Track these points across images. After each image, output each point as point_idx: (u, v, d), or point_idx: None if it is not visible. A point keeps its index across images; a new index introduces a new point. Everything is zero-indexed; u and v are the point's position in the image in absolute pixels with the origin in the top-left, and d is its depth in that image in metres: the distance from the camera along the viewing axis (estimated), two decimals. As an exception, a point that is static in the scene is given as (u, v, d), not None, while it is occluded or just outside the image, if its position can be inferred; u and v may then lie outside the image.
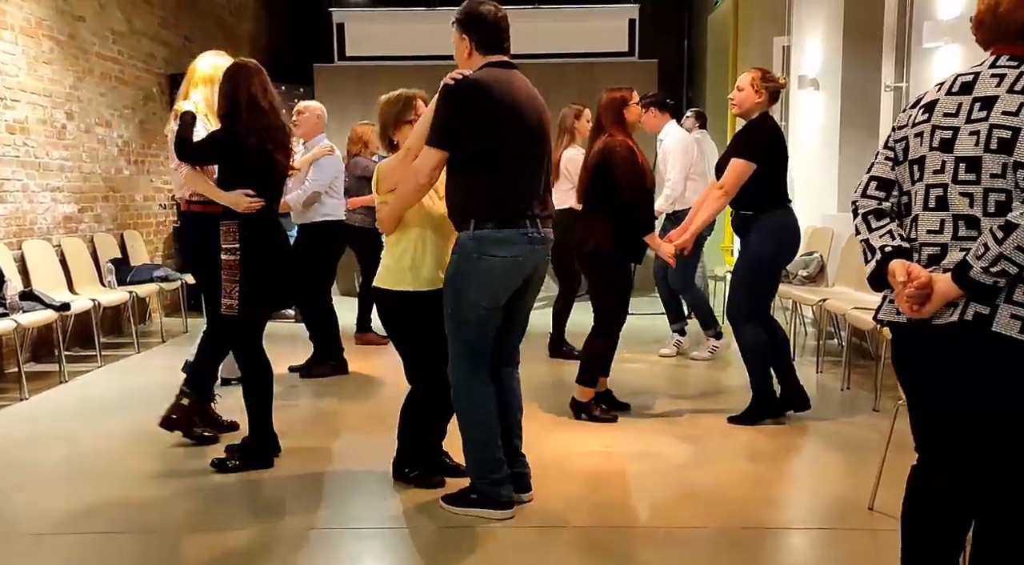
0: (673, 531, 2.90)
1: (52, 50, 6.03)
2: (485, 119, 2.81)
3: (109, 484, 3.38)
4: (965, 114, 1.87)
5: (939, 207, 1.90)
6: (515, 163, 2.86)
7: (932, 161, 1.91)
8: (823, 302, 5.17)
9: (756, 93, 4.08)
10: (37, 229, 5.83)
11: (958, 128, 1.88)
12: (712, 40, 10.37)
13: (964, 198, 1.85)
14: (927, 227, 1.92)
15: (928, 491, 2.00)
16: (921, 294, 1.84)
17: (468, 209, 2.87)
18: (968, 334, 1.82)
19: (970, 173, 1.84)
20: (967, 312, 1.81)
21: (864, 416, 4.26)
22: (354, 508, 3.15)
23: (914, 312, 1.87)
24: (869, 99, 6.24)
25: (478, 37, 2.91)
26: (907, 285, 1.85)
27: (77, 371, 5.40)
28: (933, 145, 1.92)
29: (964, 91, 1.90)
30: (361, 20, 9.69)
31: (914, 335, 1.95)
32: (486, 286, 2.86)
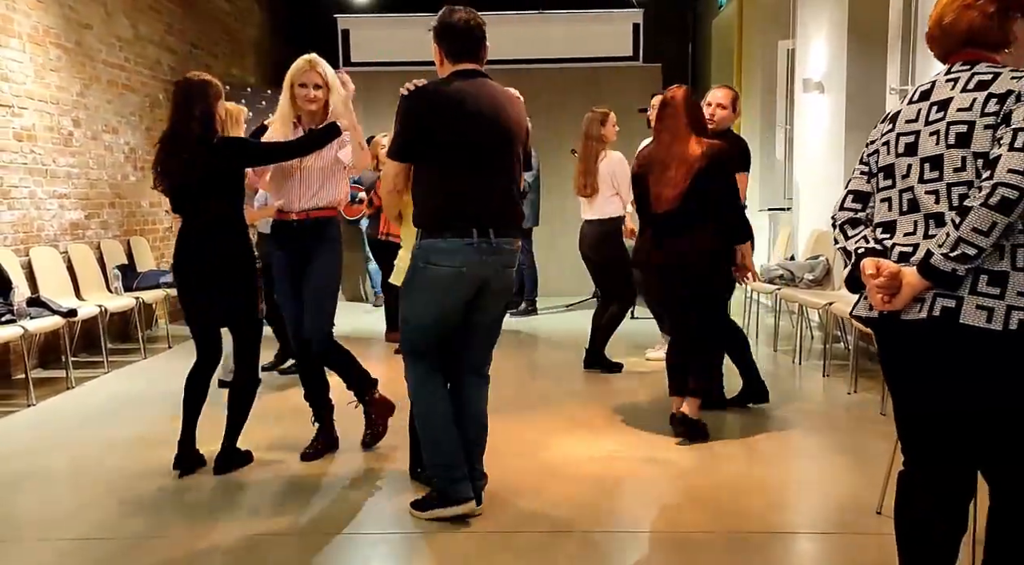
0: (680, 536, 2.89)
1: (59, 57, 6.06)
2: (435, 129, 2.85)
3: (115, 490, 3.38)
4: (924, 118, 1.96)
5: (911, 209, 1.97)
6: (463, 172, 2.87)
7: (900, 166, 2.00)
8: (829, 306, 5.16)
9: (735, 112, 4.40)
10: (44, 236, 5.86)
11: (919, 131, 1.96)
12: (716, 44, 10.38)
13: (930, 196, 1.92)
14: (904, 230, 1.98)
15: (911, 490, 2.04)
16: (890, 285, 1.89)
17: (418, 218, 2.95)
18: (937, 329, 1.86)
19: (933, 171, 1.92)
20: (935, 307, 1.86)
21: (871, 420, 4.24)
22: (359, 512, 3.14)
23: (884, 304, 1.92)
24: (874, 102, 6.23)
25: (447, 46, 2.94)
26: (876, 277, 1.91)
27: (84, 377, 5.42)
28: (899, 151, 2.00)
29: (923, 98, 2.00)
30: (366, 26, 9.72)
31: (886, 331, 2.01)
32: (431, 294, 2.91)
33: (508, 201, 2.98)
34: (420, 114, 2.86)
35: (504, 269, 2.98)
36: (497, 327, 3.13)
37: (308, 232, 3.63)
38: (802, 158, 7.40)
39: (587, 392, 4.88)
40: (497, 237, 2.91)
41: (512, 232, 2.98)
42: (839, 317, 5.31)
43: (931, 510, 1.99)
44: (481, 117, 2.88)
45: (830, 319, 5.45)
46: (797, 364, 5.60)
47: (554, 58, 9.30)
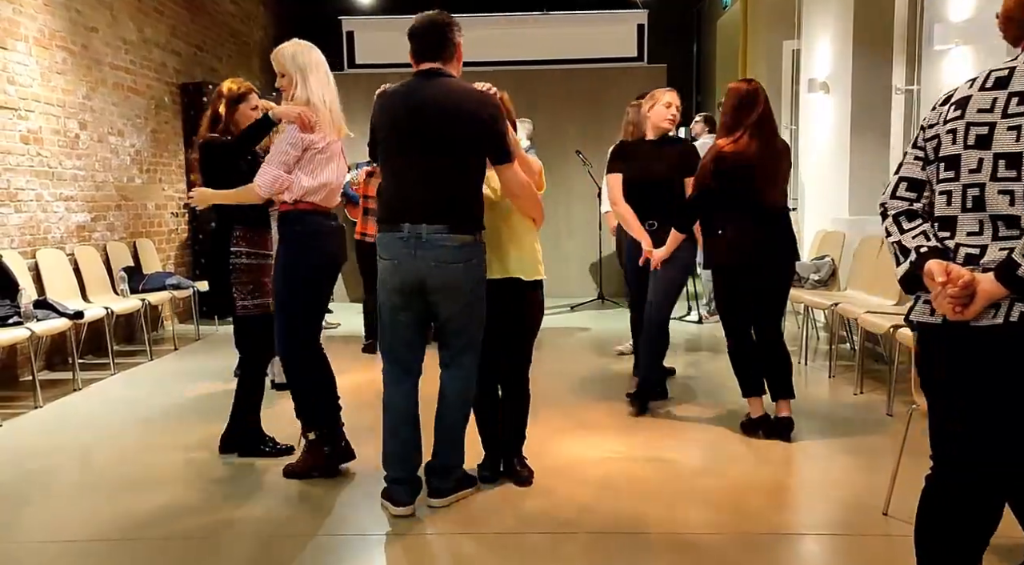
0: (686, 537, 2.88)
1: (65, 60, 6.09)
2: (376, 128, 3.10)
3: (122, 492, 3.39)
4: (1001, 109, 1.80)
5: (976, 207, 1.82)
6: (398, 168, 3.02)
7: (968, 159, 1.84)
8: (835, 306, 5.14)
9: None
10: (51, 238, 5.88)
11: (994, 124, 1.80)
12: (721, 44, 10.37)
13: (1003, 196, 1.78)
14: (967, 229, 1.84)
15: (940, 498, 1.95)
16: (964, 294, 1.76)
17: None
18: (1014, 335, 1.75)
19: (1010, 169, 1.77)
20: (1012, 313, 1.74)
21: (877, 421, 4.23)
22: (362, 514, 3.15)
23: (956, 314, 1.79)
24: (880, 102, 6.22)
25: (411, 47, 3.08)
26: (948, 285, 1.77)
27: (91, 379, 5.43)
28: (968, 143, 1.84)
29: (999, 86, 1.83)
30: (370, 28, 9.73)
31: (950, 337, 1.86)
32: (381, 287, 3.07)
33: (446, 196, 2.95)
34: (373, 115, 3.10)
35: (442, 265, 2.93)
36: (458, 325, 3.05)
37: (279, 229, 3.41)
38: (807, 158, 7.39)
39: (592, 393, 4.87)
40: (430, 233, 2.92)
41: (448, 227, 2.93)
42: (845, 318, 5.30)
43: (964, 519, 1.91)
44: (420, 114, 2.95)
45: (836, 320, 5.44)
46: (803, 365, 5.58)
47: (559, 59, 9.29)
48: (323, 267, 3.39)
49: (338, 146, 3.44)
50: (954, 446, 1.91)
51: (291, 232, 3.31)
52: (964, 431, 1.88)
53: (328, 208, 3.41)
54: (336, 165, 3.40)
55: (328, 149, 3.35)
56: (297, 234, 3.29)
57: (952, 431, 1.91)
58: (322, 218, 3.36)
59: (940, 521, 1.95)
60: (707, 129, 7.28)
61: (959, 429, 1.89)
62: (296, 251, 3.29)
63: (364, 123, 3.34)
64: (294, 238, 3.29)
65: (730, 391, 4.93)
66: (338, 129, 3.42)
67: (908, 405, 3.01)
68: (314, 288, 3.36)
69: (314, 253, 3.32)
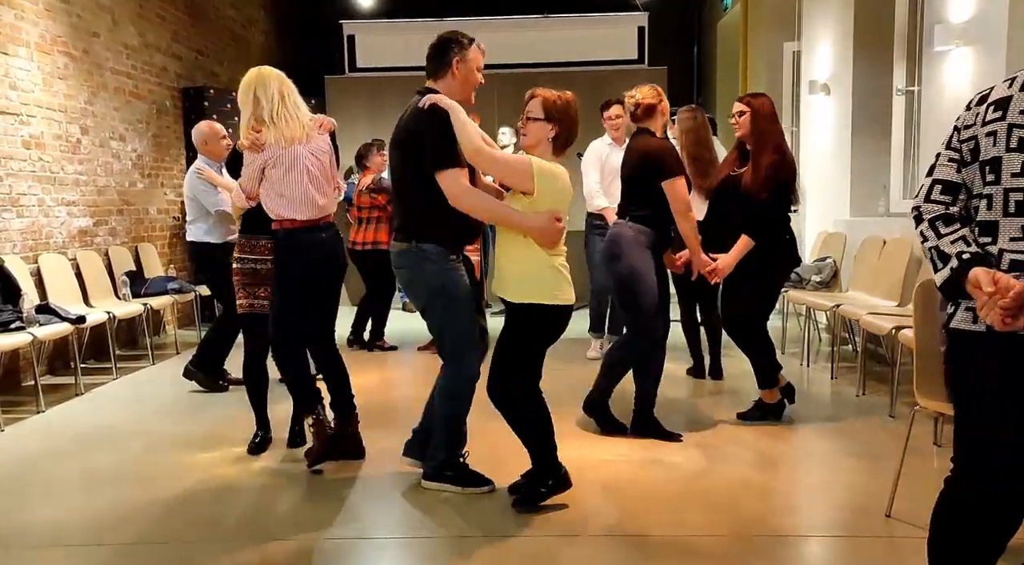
0: (688, 539, 2.88)
1: (67, 66, 6.10)
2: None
3: (124, 496, 3.39)
4: None
5: (1019, 212, 1.76)
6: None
7: (1010, 163, 1.77)
8: (837, 308, 5.14)
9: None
10: (53, 243, 5.89)
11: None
12: (722, 46, 10.37)
13: None
14: (1009, 234, 1.79)
15: (976, 503, 1.90)
16: (1016, 305, 1.70)
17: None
18: None
19: None
20: None
21: (880, 422, 4.22)
22: (369, 516, 3.15)
23: (1005, 325, 1.72)
24: (881, 103, 6.22)
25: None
26: (996, 295, 1.71)
27: (93, 383, 5.44)
28: (1011, 145, 1.77)
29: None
30: (371, 32, 9.75)
31: (997, 345, 1.79)
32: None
33: (397, 209, 3.32)
34: None
35: (396, 269, 3.28)
36: (428, 321, 3.30)
37: None
38: (808, 160, 7.38)
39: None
40: (391, 241, 3.28)
41: (396, 237, 3.23)
42: (847, 319, 5.29)
43: (983, 523, 1.88)
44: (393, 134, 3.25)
45: (838, 321, 5.43)
46: (805, 366, 5.58)
47: (559, 62, 9.30)
48: (302, 278, 3.55)
49: (293, 153, 3.48)
50: (1000, 453, 1.85)
51: (276, 246, 3.61)
52: (1015, 438, 1.83)
53: (307, 220, 3.51)
54: (296, 174, 3.49)
55: (281, 161, 3.47)
56: (280, 250, 3.59)
57: (1004, 439, 1.85)
58: (301, 234, 3.53)
59: (962, 524, 1.92)
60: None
61: (1012, 438, 1.84)
62: (279, 263, 3.60)
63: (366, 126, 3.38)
64: (278, 252, 3.60)
65: (732, 393, 4.92)
66: (289, 138, 3.47)
67: (910, 407, 3.01)
68: (293, 295, 3.57)
69: (290, 267, 3.56)
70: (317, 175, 3.53)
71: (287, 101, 3.50)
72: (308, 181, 3.49)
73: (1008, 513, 1.89)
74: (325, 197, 3.58)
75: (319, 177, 3.54)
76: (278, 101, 3.48)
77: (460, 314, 3.19)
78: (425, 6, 10.09)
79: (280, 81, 3.53)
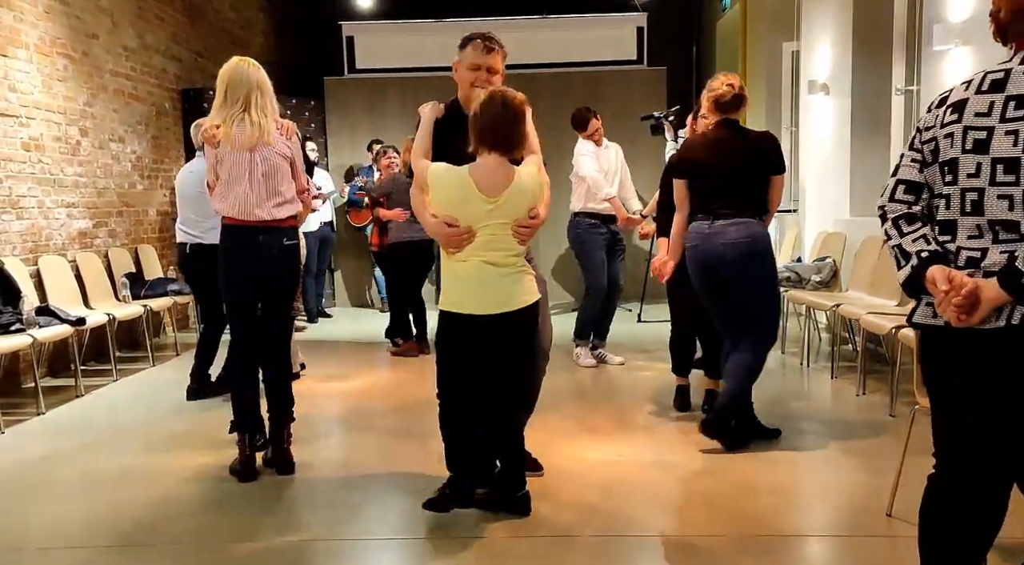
0: (689, 539, 2.88)
1: (66, 67, 6.10)
2: None
3: (125, 497, 3.39)
4: (999, 113, 1.79)
5: (975, 211, 1.82)
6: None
7: (966, 163, 1.83)
8: (837, 307, 5.14)
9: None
10: (53, 245, 5.89)
11: (992, 128, 1.80)
12: (721, 46, 10.36)
13: (1002, 201, 1.78)
14: (967, 233, 1.85)
15: (952, 499, 1.94)
16: (968, 303, 1.76)
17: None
18: (1015, 338, 1.75)
19: (1009, 174, 1.76)
20: (1014, 316, 1.75)
21: (880, 421, 4.22)
22: (368, 517, 3.15)
23: (960, 321, 1.79)
24: (880, 103, 6.22)
25: None
26: (951, 293, 1.77)
27: (93, 385, 5.44)
28: (966, 147, 1.83)
29: (995, 89, 1.82)
30: (370, 33, 9.75)
31: (955, 340, 1.86)
32: None
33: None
34: None
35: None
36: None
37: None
38: (808, 160, 7.39)
39: (593, 395, 4.87)
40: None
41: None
42: (847, 319, 5.29)
43: (967, 520, 1.91)
44: None
45: (838, 321, 5.43)
46: (805, 366, 5.58)
47: (558, 62, 9.30)
48: (238, 278, 3.53)
49: (241, 157, 3.45)
50: (964, 448, 1.90)
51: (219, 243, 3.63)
52: (977, 433, 1.87)
53: (245, 220, 3.48)
54: (238, 177, 3.46)
55: (225, 161, 3.47)
56: (219, 247, 3.60)
57: (963, 433, 1.90)
58: (237, 232, 3.51)
59: (944, 521, 1.95)
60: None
61: (971, 431, 1.88)
62: (219, 260, 3.58)
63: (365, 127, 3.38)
64: (219, 249, 3.60)
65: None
66: (236, 143, 3.46)
67: (911, 406, 3.01)
68: (229, 294, 3.58)
69: (223, 266, 3.55)
70: (260, 180, 3.46)
71: (252, 108, 3.45)
72: (249, 186, 3.45)
73: (986, 508, 1.90)
74: (270, 201, 3.47)
75: (264, 183, 3.47)
76: (240, 107, 3.45)
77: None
78: (424, 7, 10.09)
79: (251, 85, 3.48)
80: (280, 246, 3.54)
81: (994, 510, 1.90)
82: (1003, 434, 1.85)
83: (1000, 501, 1.90)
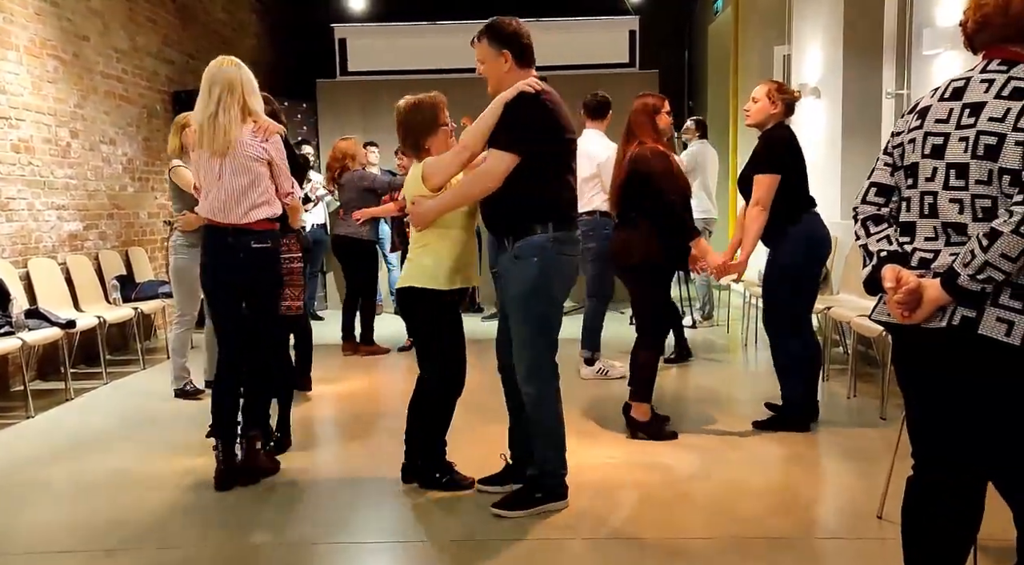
0: (681, 542, 2.88)
1: (56, 69, 6.07)
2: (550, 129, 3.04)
3: (114, 501, 3.38)
4: (955, 120, 1.87)
5: (931, 214, 1.91)
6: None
7: (924, 168, 1.92)
8: (828, 310, 5.16)
9: (772, 104, 4.15)
10: (42, 247, 5.86)
11: (949, 134, 1.87)
12: (713, 49, 10.41)
13: (953, 205, 1.86)
14: (924, 234, 1.94)
15: (925, 495, 2.00)
16: (911, 300, 1.85)
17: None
18: (956, 338, 1.83)
19: (959, 179, 1.84)
20: (955, 316, 1.82)
21: (871, 424, 4.24)
22: (361, 522, 3.14)
23: (904, 318, 1.88)
24: (871, 106, 6.25)
25: (512, 51, 3.17)
26: (896, 290, 1.87)
27: (83, 388, 5.41)
28: (925, 152, 1.92)
29: (955, 97, 1.90)
30: (363, 35, 9.73)
31: (904, 336, 1.97)
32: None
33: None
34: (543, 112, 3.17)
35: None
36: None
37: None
38: (799, 163, 7.40)
39: (583, 398, 4.87)
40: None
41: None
42: (838, 322, 5.31)
43: (940, 516, 1.96)
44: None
45: (829, 324, 5.45)
46: (797, 369, 5.58)
47: (551, 65, 9.28)
48: (206, 278, 3.57)
49: (211, 161, 3.42)
50: (915, 440, 2.02)
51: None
52: (922, 427, 1.99)
53: (215, 222, 3.46)
54: (209, 181, 3.44)
55: (200, 165, 3.48)
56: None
57: (913, 426, 2.02)
58: (210, 233, 3.52)
59: (920, 517, 2.00)
60: (698, 134, 7.29)
61: (918, 424, 2.00)
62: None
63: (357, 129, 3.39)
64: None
65: (724, 396, 4.93)
66: (204, 148, 3.43)
67: (901, 408, 3.01)
68: (205, 291, 3.64)
69: (200, 269, 3.59)
70: (229, 184, 3.41)
71: (219, 111, 3.37)
72: (219, 190, 3.42)
73: (950, 502, 1.95)
74: (240, 205, 3.41)
75: (234, 187, 3.41)
76: (211, 113, 3.38)
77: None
78: (416, 10, 10.10)
79: (222, 86, 3.39)
80: (247, 249, 3.45)
81: (962, 507, 1.94)
82: (946, 430, 1.93)
83: (968, 498, 1.94)
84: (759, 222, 3.97)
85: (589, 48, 9.51)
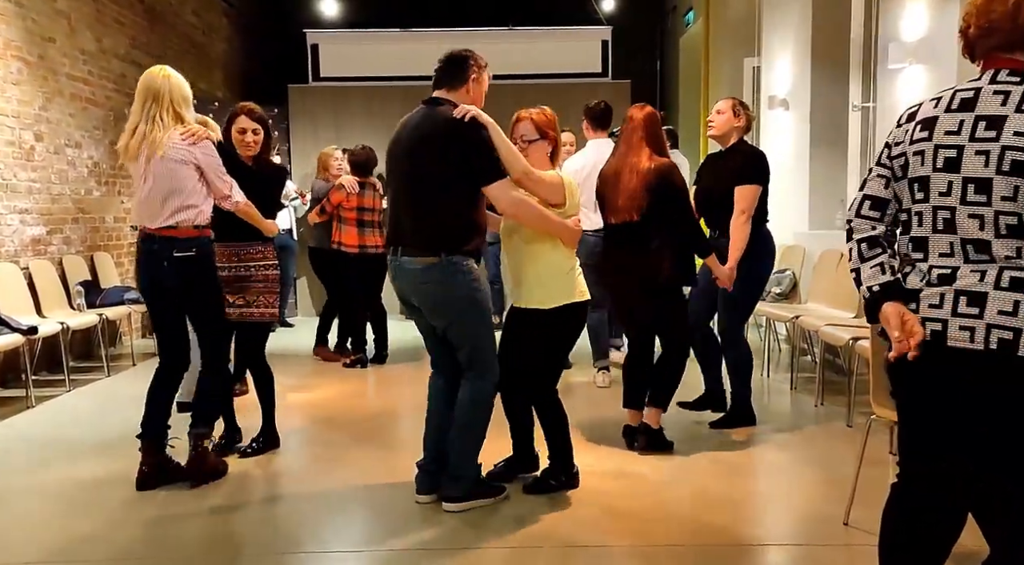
0: (649, 550, 2.89)
1: (20, 71, 5.96)
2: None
3: (75, 511, 3.30)
4: (968, 132, 1.81)
5: (947, 230, 1.84)
6: (391, 195, 3.32)
7: (937, 182, 1.85)
8: (796, 319, 5.22)
9: (736, 117, 4.22)
10: (4, 251, 5.74)
11: (963, 147, 1.81)
12: (684, 61, 10.51)
13: (974, 220, 1.79)
14: (939, 250, 1.87)
15: (915, 508, 1.97)
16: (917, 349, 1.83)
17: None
18: (993, 360, 1.77)
19: (980, 194, 1.78)
20: (991, 340, 1.76)
21: (838, 432, 4.28)
22: (333, 530, 3.10)
23: (913, 358, 1.85)
24: (838, 118, 6.36)
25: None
26: (904, 338, 1.84)
27: (45, 396, 5.30)
28: (937, 165, 1.85)
29: (965, 108, 1.83)
30: (335, 41, 9.70)
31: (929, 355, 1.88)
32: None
33: (411, 221, 3.13)
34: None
35: (419, 285, 3.13)
36: (455, 339, 3.20)
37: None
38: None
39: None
40: (401, 255, 3.15)
41: (415, 251, 3.10)
42: (806, 330, 5.37)
43: (924, 526, 1.95)
44: (394, 144, 3.22)
45: (797, 332, 5.51)
46: (765, 377, 5.64)
47: (524, 74, 9.34)
48: (137, 283, 3.65)
49: (140, 166, 3.46)
50: (925, 454, 1.95)
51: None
52: (937, 440, 1.92)
53: (144, 227, 3.52)
54: (139, 185, 3.48)
55: (134, 173, 3.51)
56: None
57: (914, 444, 1.96)
58: (139, 240, 3.57)
59: (904, 528, 1.98)
60: (670, 143, 7.33)
61: (920, 444, 1.94)
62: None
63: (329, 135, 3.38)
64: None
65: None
66: (129, 154, 3.48)
67: (867, 416, 3.06)
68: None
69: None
70: (152, 190, 3.41)
71: (144, 119, 3.44)
72: (143, 195, 3.45)
73: (941, 515, 1.95)
74: (163, 210, 3.41)
75: (156, 192, 3.41)
76: (136, 121, 3.46)
77: (489, 324, 3.24)
78: (389, 17, 10.08)
79: (148, 95, 3.47)
80: (170, 257, 3.42)
81: (951, 519, 1.94)
82: (956, 447, 1.89)
83: (954, 512, 1.94)
84: (745, 231, 4.09)
85: (562, 57, 9.57)
